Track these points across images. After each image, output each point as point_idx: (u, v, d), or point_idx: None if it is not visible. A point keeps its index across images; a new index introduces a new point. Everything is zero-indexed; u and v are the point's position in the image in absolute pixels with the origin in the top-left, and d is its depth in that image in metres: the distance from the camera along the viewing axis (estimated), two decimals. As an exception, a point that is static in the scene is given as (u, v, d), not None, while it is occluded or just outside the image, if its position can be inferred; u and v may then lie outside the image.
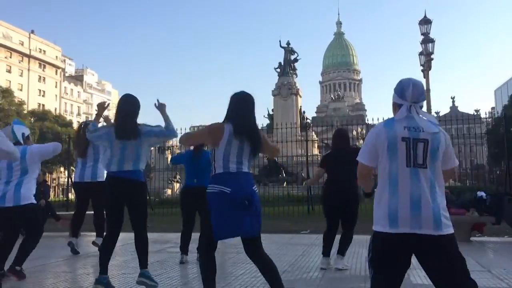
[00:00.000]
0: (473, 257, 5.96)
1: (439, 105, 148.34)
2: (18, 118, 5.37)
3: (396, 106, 2.59)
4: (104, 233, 6.55)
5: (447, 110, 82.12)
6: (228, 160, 3.14)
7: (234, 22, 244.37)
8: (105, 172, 4.51)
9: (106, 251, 4.21)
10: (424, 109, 2.65)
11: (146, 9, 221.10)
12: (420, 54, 14.79)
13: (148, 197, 18.11)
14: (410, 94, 2.53)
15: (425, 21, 14.57)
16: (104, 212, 6.20)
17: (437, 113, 55.75)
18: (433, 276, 2.47)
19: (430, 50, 14.50)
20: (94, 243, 6.57)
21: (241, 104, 3.31)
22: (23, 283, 4.67)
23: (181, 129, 17.65)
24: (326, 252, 5.24)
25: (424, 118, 2.53)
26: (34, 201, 4.92)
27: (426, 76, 14.48)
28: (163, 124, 4.35)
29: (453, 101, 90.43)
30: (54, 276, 5.08)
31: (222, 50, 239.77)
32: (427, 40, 14.50)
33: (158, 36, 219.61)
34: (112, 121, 4.58)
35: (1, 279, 4.57)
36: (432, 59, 14.52)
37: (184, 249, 5.82)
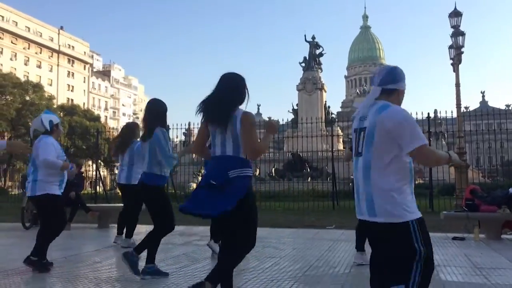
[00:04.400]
0: (504, 255, 5.83)
1: (469, 100, 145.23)
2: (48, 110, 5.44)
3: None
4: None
5: (477, 105, 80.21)
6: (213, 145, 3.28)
7: (260, 16, 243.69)
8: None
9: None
10: (454, 104, 2.64)
11: (172, 4, 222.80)
12: (450, 47, 14.41)
13: (174, 191, 18.40)
14: (376, 78, 2.58)
15: (455, 14, 14.17)
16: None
17: (466, 108, 54.47)
18: (375, 265, 2.41)
19: (460, 44, 14.10)
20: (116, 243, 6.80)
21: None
22: (55, 272, 4.80)
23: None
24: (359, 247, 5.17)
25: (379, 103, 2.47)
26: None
27: (456, 70, 14.10)
28: None
29: (483, 96, 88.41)
30: (85, 266, 5.21)
31: (248, 44, 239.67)
32: (457, 33, 14.10)
33: (184, 31, 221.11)
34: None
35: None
36: (462, 52, 14.12)
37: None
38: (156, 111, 4.56)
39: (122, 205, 7.25)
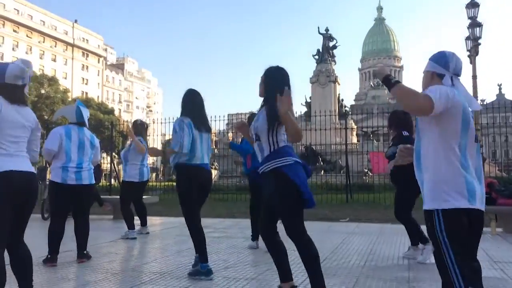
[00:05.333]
0: (522, 250, 5.74)
1: (485, 92, 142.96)
2: (79, 101, 5.48)
3: (434, 76, 2.46)
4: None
5: (494, 98, 79.02)
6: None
7: (274, 8, 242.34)
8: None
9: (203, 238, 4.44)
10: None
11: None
12: (467, 38, 14.19)
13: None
14: (453, 66, 2.45)
15: (473, 4, 13.94)
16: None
17: (482, 100, 53.69)
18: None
19: (478, 35, 13.88)
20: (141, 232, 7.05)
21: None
22: (70, 263, 4.86)
23: (219, 116, 17.80)
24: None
25: None
26: None
27: (472, 61, 13.90)
28: None
29: (500, 88, 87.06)
30: (101, 256, 5.26)
31: (261, 36, 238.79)
32: (474, 24, 13.88)
33: (197, 25, 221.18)
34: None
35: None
36: (479, 44, 13.90)
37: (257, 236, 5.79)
38: None
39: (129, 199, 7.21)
